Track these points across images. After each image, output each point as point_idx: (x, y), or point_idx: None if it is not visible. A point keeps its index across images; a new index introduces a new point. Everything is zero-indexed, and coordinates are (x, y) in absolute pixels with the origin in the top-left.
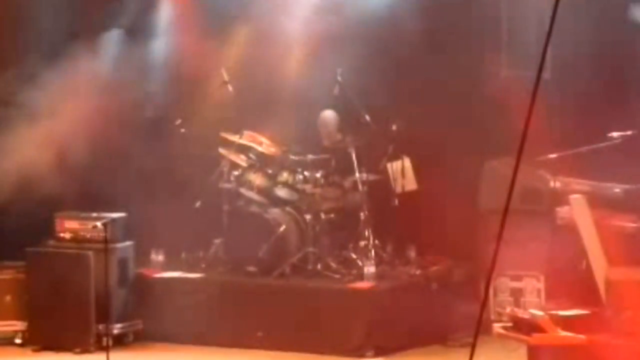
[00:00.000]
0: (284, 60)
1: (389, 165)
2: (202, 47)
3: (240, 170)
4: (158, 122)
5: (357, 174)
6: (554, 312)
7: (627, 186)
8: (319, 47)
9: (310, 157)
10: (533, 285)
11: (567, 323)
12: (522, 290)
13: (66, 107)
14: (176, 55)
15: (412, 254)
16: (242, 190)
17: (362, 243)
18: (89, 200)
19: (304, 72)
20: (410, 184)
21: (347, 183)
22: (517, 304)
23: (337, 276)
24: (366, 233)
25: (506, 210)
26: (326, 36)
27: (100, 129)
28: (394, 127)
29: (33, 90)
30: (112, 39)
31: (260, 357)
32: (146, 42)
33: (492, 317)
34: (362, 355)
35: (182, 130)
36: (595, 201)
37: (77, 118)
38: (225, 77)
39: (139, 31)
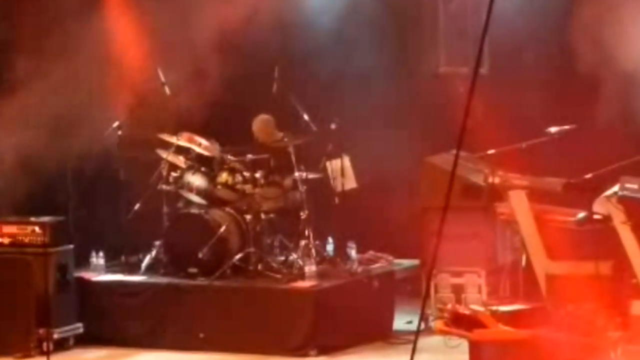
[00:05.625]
0: (221, 59)
1: (328, 164)
2: (139, 48)
3: (179, 171)
4: (95, 123)
5: (296, 173)
6: (494, 307)
7: (566, 180)
8: (256, 46)
9: (249, 157)
10: (474, 281)
11: (508, 318)
12: (463, 286)
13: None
14: (113, 57)
15: (353, 252)
16: (182, 192)
17: (303, 242)
18: (26, 204)
19: (240, 71)
20: (350, 182)
21: (287, 182)
22: (458, 300)
23: (279, 276)
24: (307, 232)
25: (446, 206)
26: (263, 35)
27: (38, 131)
28: (332, 126)
29: None
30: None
31: (203, 359)
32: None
33: (434, 313)
34: (305, 355)
35: (120, 132)
36: (535, 196)
37: (13, 120)
38: (162, 78)
39: (77, 32)
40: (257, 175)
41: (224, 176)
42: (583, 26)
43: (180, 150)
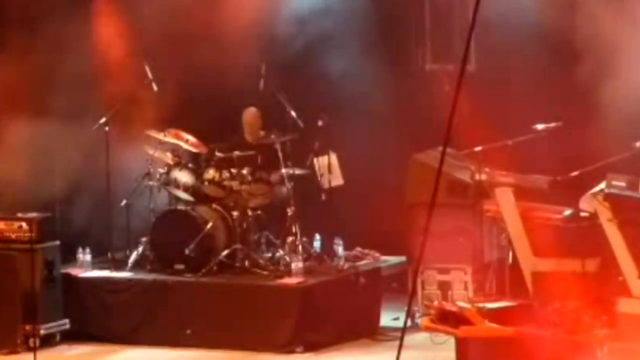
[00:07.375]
0: (208, 56)
1: (315, 160)
2: (127, 44)
3: (166, 168)
4: (82, 120)
5: (283, 170)
6: (481, 304)
7: (552, 178)
8: (243, 43)
9: (236, 153)
10: (460, 278)
11: (494, 315)
12: (450, 283)
13: None
14: (100, 52)
15: (339, 248)
16: (169, 188)
17: (290, 239)
18: (13, 200)
19: (228, 68)
20: (337, 179)
21: (274, 179)
22: (444, 296)
23: (265, 272)
24: (293, 229)
25: (432, 203)
26: (250, 31)
27: (23, 128)
28: (319, 123)
29: None
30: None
31: (189, 355)
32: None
33: (420, 310)
34: (292, 351)
35: (107, 128)
36: (521, 193)
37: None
38: (149, 74)
39: (64, 27)
40: (244, 171)
41: (211, 172)
42: (570, 23)
43: (167, 146)
